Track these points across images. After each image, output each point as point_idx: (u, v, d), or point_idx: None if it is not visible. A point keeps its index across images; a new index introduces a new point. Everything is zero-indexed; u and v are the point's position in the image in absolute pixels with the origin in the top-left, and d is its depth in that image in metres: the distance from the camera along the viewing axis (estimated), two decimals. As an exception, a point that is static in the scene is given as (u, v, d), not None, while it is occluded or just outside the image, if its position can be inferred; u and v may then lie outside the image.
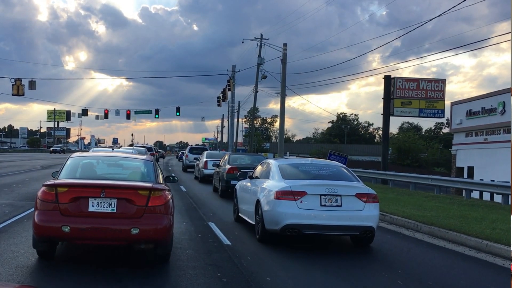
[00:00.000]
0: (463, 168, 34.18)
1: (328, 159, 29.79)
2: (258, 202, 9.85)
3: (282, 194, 9.01)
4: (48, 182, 7.32)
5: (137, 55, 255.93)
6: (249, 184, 11.48)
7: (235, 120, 67.50)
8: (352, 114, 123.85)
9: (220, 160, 22.71)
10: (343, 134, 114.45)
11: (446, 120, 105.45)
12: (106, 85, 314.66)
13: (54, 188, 7.09)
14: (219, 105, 54.29)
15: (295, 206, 8.87)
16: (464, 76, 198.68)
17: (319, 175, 9.82)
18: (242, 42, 45.71)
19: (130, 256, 7.89)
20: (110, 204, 7.03)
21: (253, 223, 10.31)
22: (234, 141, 73.89)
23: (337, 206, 8.95)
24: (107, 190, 7.07)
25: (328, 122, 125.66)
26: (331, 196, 8.95)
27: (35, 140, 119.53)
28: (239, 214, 11.99)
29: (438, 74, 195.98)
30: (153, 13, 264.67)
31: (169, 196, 7.57)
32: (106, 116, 59.07)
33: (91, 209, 6.98)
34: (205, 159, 26.38)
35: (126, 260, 7.72)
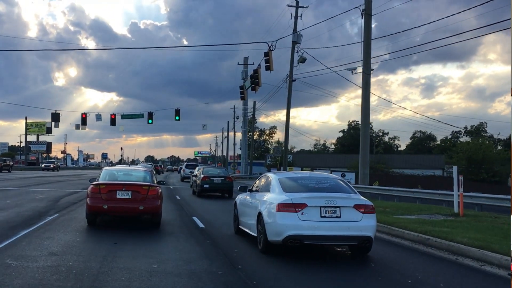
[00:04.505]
0: None
1: None
2: (260, 214, 10.23)
3: (283, 207, 9.40)
4: (94, 183, 13.23)
5: (127, 70, 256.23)
6: (249, 197, 11.88)
7: (249, 131, 63.38)
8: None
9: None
10: (357, 144, 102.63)
11: (464, 127, 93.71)
12: (96, 100, 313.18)
13: (98, 186, 12.97)
14: (242, 98, 41.85)
15: (296, 217, 9.25)
16: (453, 87, 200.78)
17: (318, 187, 10.22)
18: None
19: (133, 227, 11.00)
20: (128, 194, 12.82)
21: (255, 235, 10.69)
22: (247, 151, 68.38)
23: (337, 217, 9.32)
24: (126, 186, 12.92)
25: (339, 132, 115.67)
26: (330, 208, 9.33)
27: (9, 156, 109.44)
28: (240, 226, 12.37)
29: (427, 85, 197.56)
30: (143, 28, 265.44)
31: (160, 190, 13.53)
32: (84, 121, 50.34)
33: (118, 196, 12.75)
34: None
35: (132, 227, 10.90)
